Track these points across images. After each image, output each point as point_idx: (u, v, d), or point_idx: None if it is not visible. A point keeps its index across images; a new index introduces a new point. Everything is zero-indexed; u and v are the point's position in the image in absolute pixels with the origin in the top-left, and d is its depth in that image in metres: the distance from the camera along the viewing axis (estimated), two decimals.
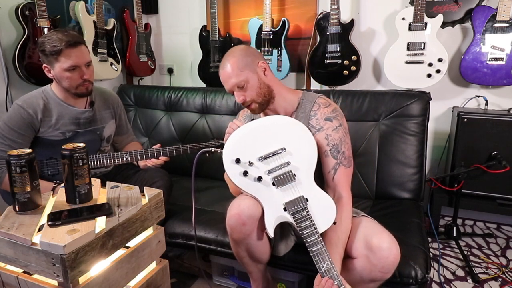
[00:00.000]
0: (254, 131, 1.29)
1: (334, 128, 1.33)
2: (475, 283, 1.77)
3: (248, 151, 1.25)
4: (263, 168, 1.24)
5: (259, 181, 1.23)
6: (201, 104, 2.32)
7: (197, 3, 2.81)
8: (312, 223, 1.16)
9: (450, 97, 2.32)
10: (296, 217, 1.18)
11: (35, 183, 1.11)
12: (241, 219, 1.24)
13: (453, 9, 2.14)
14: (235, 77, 1.32)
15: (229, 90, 1.36)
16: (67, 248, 0.93)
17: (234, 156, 1.24)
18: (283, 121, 1.31)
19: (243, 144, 1.27)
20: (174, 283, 1.76)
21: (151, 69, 2.87)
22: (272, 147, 1.26)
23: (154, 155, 1.69)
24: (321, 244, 1.13)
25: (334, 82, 2.34)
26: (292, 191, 1.22)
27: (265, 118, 1.33)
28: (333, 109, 1.36)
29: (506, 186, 2.01)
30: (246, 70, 1.32)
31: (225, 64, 1.34)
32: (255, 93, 1.34)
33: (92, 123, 1.74)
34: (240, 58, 1.34)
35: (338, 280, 1.09)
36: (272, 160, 1.25)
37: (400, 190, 1.83)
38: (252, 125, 1.30)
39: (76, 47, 1.53)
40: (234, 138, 1.28)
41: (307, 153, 1.27)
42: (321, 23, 2.31)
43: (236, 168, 1.24)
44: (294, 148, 1.26)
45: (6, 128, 1.56)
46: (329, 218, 1.20)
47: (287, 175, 1.23)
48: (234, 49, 1.39)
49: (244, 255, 1.37)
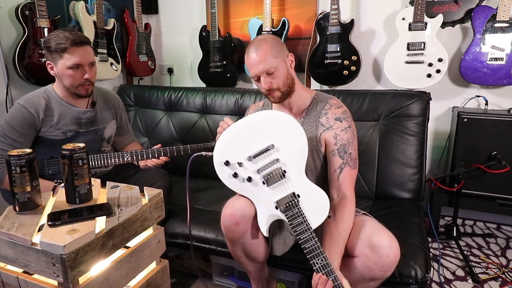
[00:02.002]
0: (243, 129, 1.26)
1: (343, 129, 1.35)
2: (475, 283, 1.77)
3: (237, 152, 1.24)
4: (252, 168, 1.23)
5: (249, 182, 1.23)
6: (201, 104, 2.32)
7: (197, 3, 2.81)
8: (304, 219, 1.16)
9: (450, 97, 2.32)
10: (288, 215, 1.18)
11: (35, 183, 1.11)
12: (234, 219, 1.26)
13: (453, 9, 2.14)
14: (267, 62, 1.32)
15: (257, 74, 1.35)
16: (67, 248, 0.93)
17: (223, 158, 1.24)
18: (272, 116, 1.27)
19: (232, 144, 1.26)
20: (174, 283, 1.77)
21: (151, 69, 2.87)
22: (261, 145, 1.23)
23: (154, 155, 1.70)
24: (314, 241, 1.13)
25: (334, 82, 2.34)
26: (282, 189, 1.21)
27: (254, 114, 1.29)
28: (344, 111, 1.39)
29: (506, 186, 2.01)
30: (278, 58, 1.33)
31: (258, 49, 1.33)
32: (282, 82, 1.35)
33: (93, 123, 1.74)
34: (274, 45, 1.34)
35: (333, 276, 1.09)
36: (261, 158, 1.23)
37: (400, 190, 1.83)
38: (241, 123, 1.27)
39: (82, 46, 1.55)
40: (223, 139, 1.26)
41: (296, 148, 1.24)
42: (321, 23, 2.31)
43: (226, 170, 1.24)
44: (283, 144, 1.24)
45: (7, 127, 1.56)
46: (322, 213, 1.19)
47: (277, 172, 1.22)
48: (266, 37, 1.39)
49: (240, 255, 1.38)
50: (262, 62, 1.32)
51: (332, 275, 1.09)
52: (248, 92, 2.23)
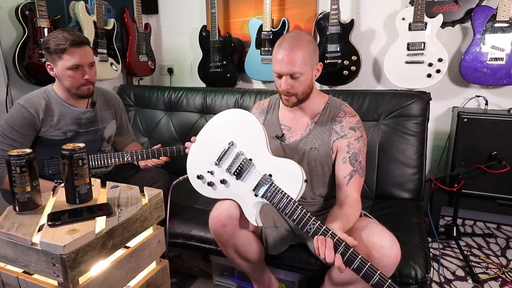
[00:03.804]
0: (202, 141, 1.38)
1: (356, 138, 1.36)
2: (475, 283, 1.77)
3: (204, 163, 1.33)
4: (222, 170, 1.30)
5: (224, 183, 1.29)
6: (201, 104, 2.32)
7: (197, 3, 2.81)
8: (284, 194, 1.16)
9: (450, 97, 2.32)
10: (267, 196, 1.19)
11: (35, 183, 1.11)
12: (220, 221, 1.28)
13: (453, 9, 2.14)
14: (297, 66, 1.28)
15: (281, 73, 1.30)
16: (67, 248, 0.93)
17: (194, 174, 1.34)
18: (221, 118, 1.37)
19: (197, 158, 1.35)
20: (174, 283, 1.77)
21: (151, 69, 2.87)
22: (221, 147, 1.31)
23: (154, 155, 1.70)
24: (299, 209, 1.12)
25: (334, 82, 2.34)
26: (254, 175, 1.24)
27: (207, 124, 1.39)
28: (358, 120, 1.41)
29: (506, 186, 2.01)
30: (308, 65, 1.31)
31: (293, 49, 1.27)
32: (302, 89, 1.33)
33: (93, 123, 1.74)
34: (310, 51, 1.31)
35: (330, 233, 1.06)
36: (225, 158, 1.30)
37: (400, 190, 1.83)
38: (199, 136, 1.39)
39: (81, 46, 1.54)
40: (189, 158, 1.37)
41: (253, 134, 1.28)
42: (321, 23, 2.31)
43: (201, 183, 1.32)
44: (240, 137, 1.30)
45: (7, 127, 1.56)
46: (297, 180, 1.18)
47: (244, 163, 1.26)
48: (304, 37, 1.32)
49: (234, 256, 1.38)
50: (291, 65, 1.28)
51: (329, 233, 1.06)
52: (248, 92, 2.23)
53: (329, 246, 1.04)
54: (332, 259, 1.03)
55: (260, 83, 2.69)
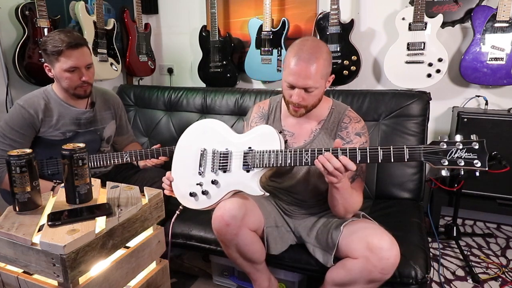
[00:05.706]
0: (177, 163, 1.41)
1: (361, 144, 1.37)
2: (475, 283, 1.77)
3: (189, 180, 1.36)
4: (207, 174, 1.33)
5: (216, 184, 1.31)
6: (201, 104, 2.32)
7: (197, 3, 2.81)
8: (269, 153, 1.24)
9: (450, 97, 2.32)
10: (257, 164, 1.24)
11: (35, 183, 1.11)
12: (224, 220, 1.27)
13: (453, 9, 2.14)
14: (313, 80, 1.25)
15: (295, 85, 1.27)
16: (67, 248, 0.93)
17: (186, 194, 1.35)
18: (186, 134, 1.44)
19: (181, 177, 1.39)
20: (174, 283, 1.76)
21: (151, 69, 2.87)
22: (196, 157, 1.36)
23: (154, 155, 1.69)
24: (289, 153, 1.21)
25: (334, 82, 2.32)
26: (237, 158, 1.30)
27: (178, 142, 1.44)
28: (363, 126, 1.42)
29: (506, 186, 2.01)
30: (323, 80, 1.30)
31: (311, 61, 1.23)
32: (312, 101, 1.33)
33: (93, 123, 1.74)
34: (326, 65, 1.28)
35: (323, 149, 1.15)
36: (204, 163, 1.35)
37: (400, 190, 1.83)
38: (173, 162, 1.43)
39: (77, 48, 1.53)
40: (174, 188, 1.39)
41: (216, 131, 1.37)
42: (321, 23, 2.31)
43: (197, 198, 1.34)
44: (208, 139, 1.37)
45: (7, 127, 1.56)
46: (272, 134, 1.27)
47: (223, 156, 1.32)
48: (323, 49, 1.29)
49: (236, 256, 1.38)
50: (308, 78, 1.24)
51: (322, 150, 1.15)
52: (248, 92, 2.23)
53: (330, 157, 1.13)
54: (339, 163, 1.12)
55: (260, 83, 2.69)
